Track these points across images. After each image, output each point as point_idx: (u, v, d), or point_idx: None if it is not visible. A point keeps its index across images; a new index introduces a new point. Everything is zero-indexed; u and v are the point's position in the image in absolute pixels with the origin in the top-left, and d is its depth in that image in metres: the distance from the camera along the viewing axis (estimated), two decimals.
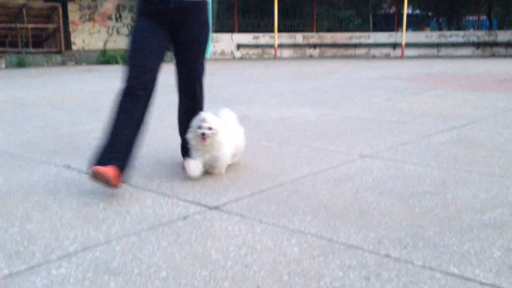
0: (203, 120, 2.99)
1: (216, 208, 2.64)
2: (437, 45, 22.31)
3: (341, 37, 23.18)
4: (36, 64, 15.09)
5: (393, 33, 23.09)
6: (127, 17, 20.88)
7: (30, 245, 2.17)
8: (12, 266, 1.98)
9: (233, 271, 1.95)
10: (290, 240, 2.23)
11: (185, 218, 2.48)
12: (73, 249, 2.14)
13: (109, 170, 2.67)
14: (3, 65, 14.46)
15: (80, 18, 20.13)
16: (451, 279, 1.86)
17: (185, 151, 3.27)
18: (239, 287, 1.82)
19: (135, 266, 1.99)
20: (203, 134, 2.97)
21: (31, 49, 15.95)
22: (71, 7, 19.69)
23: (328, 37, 23.25)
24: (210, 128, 2.99)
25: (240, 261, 2.03)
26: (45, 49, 16.57)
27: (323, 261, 2.03)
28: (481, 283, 1.82)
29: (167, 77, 4.35)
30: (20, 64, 14.71)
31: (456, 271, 1.92)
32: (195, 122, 3.03)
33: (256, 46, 22.19)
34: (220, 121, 3.10)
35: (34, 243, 2.20)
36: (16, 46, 15.94)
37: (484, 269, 1.92)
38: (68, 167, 3.44)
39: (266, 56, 22.26)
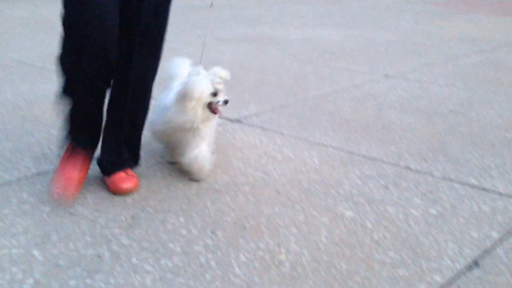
0: (219, 81, 1.88)
1: (237, 120, 2.65)
2: None
3: None
4: None
5: None
6: None
7: (56, 148, 2.23)
8: (39, 166, 2.04)
9: (253, 177, 1.98)
10: (310, 151, 2.25)
11: None
12: (97, 154, 2.19)
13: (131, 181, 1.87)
14: None
15: None
16: (470, 189, 1.87)
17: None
18: (259, 192, 1.86)
19: (157, 169, 2.04)
20: (226, 102, 1.88)
21: None
22: None
23: None
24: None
25: (261, 169, 2.06)
26: None
27: (343, 171, 2.05)
28: (499, 194, 1.83)
29: None
30: None
31: (475, 182, 1.92)
32: (203, 85, 1.83)
33: None
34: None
35: (60, 147, 2.25)
36: None
37: (504, 181, 1.92)
38: None
39: None
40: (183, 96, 1.83)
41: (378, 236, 1.57)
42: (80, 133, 1.87)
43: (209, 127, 1.96)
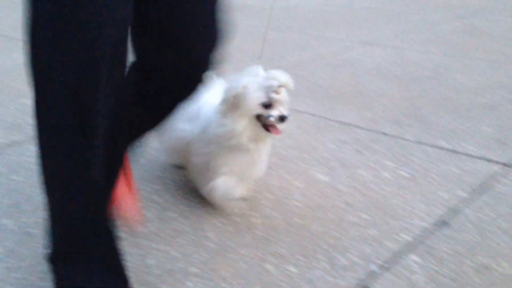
0: (277, 89, 1.38)
1: None
2: None
3: None
4: None
5: None
6: None
7: (28, 118, 2.20)
8: (11, 137, 2.02)
9: None
10: None
11: None
12: None
13: None
14: None
15: None
16: (440, 151, 1.90)
17: None
18: None
19: None
20: (282, 119, 1.38)
21: None
22: None
23: None
24: None
25: None
26: None
27: (318, 136, 2.06)
28: (469, 156, 1.86)
29: None
30: None
31: (446, 145, 1.95)
32: (251, 91, 1.36)
33: None
34: None
35: (32, 117, 2.22)
36: None
37: (474, 144, 1.96)
38: None
39: None
40: (222, 99, 1.39)
41: (350, 198, 1.59)
42: None
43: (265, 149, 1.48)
